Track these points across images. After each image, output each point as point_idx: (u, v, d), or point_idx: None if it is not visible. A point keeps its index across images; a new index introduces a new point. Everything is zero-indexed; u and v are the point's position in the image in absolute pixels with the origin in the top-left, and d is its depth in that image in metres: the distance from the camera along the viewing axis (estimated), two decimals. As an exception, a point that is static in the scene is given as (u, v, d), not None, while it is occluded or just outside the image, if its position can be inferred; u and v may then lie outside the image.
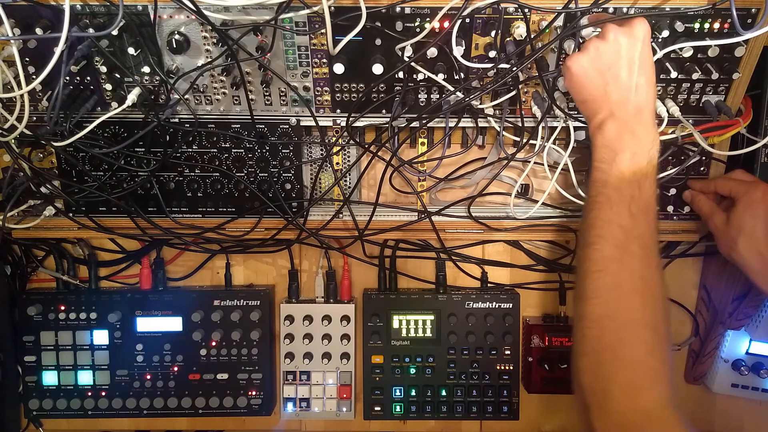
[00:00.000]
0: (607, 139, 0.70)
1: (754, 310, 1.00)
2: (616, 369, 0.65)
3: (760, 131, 0.89)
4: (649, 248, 0.69)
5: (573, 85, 0.73)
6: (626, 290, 0.68)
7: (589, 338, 0.68)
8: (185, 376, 1.04)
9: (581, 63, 0.71)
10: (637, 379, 0.64)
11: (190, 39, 0.81)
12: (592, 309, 0.68)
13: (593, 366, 0.67)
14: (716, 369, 1.07)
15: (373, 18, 0.77)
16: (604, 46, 0.69)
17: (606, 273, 0.69)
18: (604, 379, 0.65)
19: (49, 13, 0.77)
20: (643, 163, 0.69)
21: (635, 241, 0.69)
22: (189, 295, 1.05)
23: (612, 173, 0.70)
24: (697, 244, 1.02)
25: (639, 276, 0.68)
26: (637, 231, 0.69)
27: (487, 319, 1.04)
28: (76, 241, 1.07)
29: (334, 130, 0.95)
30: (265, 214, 0.96)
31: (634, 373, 0.65)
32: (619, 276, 0.68)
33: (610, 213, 0.70)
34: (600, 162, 0.71)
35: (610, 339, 0.66)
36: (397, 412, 1.06)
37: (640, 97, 0.70)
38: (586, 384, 0.67)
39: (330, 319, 1.05)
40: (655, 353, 0.65)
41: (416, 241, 1.07)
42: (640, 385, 0.64)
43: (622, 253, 0.69)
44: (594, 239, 0.70)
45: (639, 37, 0.69)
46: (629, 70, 0.69)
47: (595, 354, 0.67)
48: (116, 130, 0.91)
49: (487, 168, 0.99)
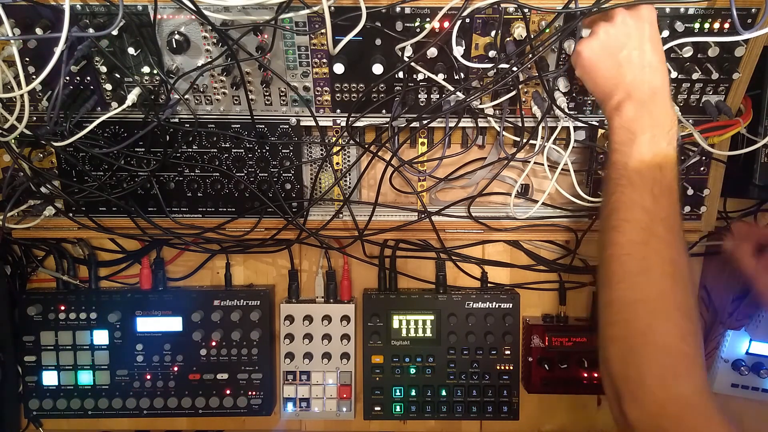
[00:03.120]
0: (626, 120, 0.69)
1: (754, 310, 1.00)
2: (649, 355, 0.62)
3: (760, 131, 0.89)
4: (675, 231, 0.67)
5: (585, 71, 0.72)
6: (656, 274, 0.65)
7: (618, 323, 0.65)
8: (185, 376, 1.05)
9: (592, 47, 0.70)
10: (672, 366, 0.61)
11: (190, 39, 0.81)
12: (621, 294, 0.66)
13: (623, 353, 0.64)
14: (716, 369, 1.07)
15: (373, 18, 0.77)
16: (613, 29, 0.69)
17: (633, 257, 0.66)
18: (636, 367, 0.62)
19: (49, 13, 0.77)
20: (663, 144, 0.68)
21: (661, 223, 0.66)
22: (189, 295, 1.05)
23: (632, 155, 0.68)
24: (697, 244, 1.02)
25: (668, 259, 0.66)
26: (662, 213, 0.67)
27: (487, 319, 1.04)
28: (76, 241, 1.07)
29: (334, 130, 0.95)
30: (265, 214, 0.96)
31: (668, 359, 0.62)
32: (648, 260, 0.66)
33: (632, 195, 0.67)
34: (619, 144, 0.69)
35: (641, 324, 0.64)
36: (397, 412, 1.06)
37: (655, 77, 0.69)
38: (617, 372, 0.64)
39: (330, 319, 1.05)
40: (688, 339, 0.62)
41: (416, 241, 1.07)
42: (674, 373, 0.61)
43: (648, 236, 0.66)
44: (618, 222, 0.68)
45: (646, 18, 0.69)
46: (641, 50, 0.68)
47: (625, 340, 0.64)
48: (116, 130, 0.91)
49: (487, 168, 0.99)
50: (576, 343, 1.05)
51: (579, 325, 1.08)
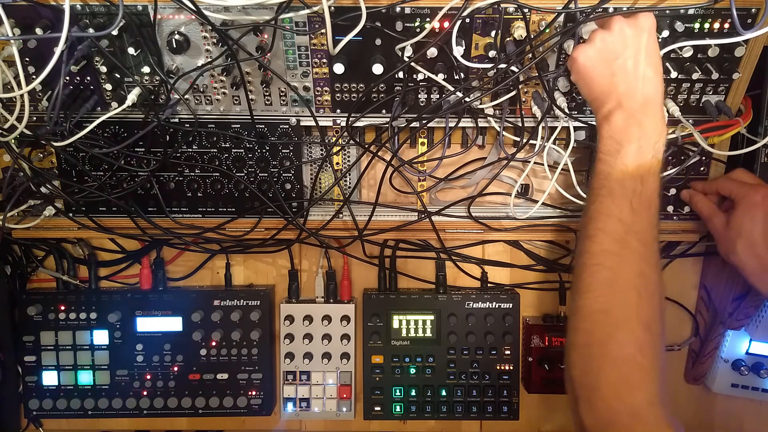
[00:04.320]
0: (614, 129, 0.69)
1: (754, 310, 1.00)
2: (605, 365, 0.64)
3: (760, 131, 0.89)
4: (648, 244, 0.68)
5: (580, 77, 0.72)
6: (623, 286, 0.67)
7: (580, 332, 0.68)
8: (185, 376, 1.04)
9: (587, 54, 0.70)
10: (625, 376, 0.63)
11: (190, 39, 0.81)
12: (587, 303, 0.68)
13: (583, 360, 0.67)
14: (716, 369, 1.07)
15: (373, 18, 0.77)
16: (610, 36, 0.69)
17: (603, 267, 0.68)
18: (593, 374, 0.65)
19: (49, 13, 0.77)
20: (648, 156, 0.69)
21: (635, 236, 0.68)
22: (189, 295, 1.05)
23: (616, 166, 0.69)
24: (697, 244, 1.02)
25: (637, 272, 0.67)
26: (638, 226, 0.68)
27: (487, 319, 1.04)
28: (76, 241, 1.07)
29: (334, 130, 0.95)
30: (265, 214, 0.96)
31: (622, 370, 0.64)
32: (616, 271, 0.67)
33: (611, 206, 0.69)
34: (605, 154, 0.70)
35: (601, 334, 0.66)
36: (397, 412, 1.06)
37: (647, 88, 0.69)
38: (576, 377, 0.66)
39: (330, 319, 1.05)
40: (645, 351, 0.64)
41: (416, 241, 1.07)
42: (628, 383, 0.63)
43: (621, 248, 0.68)
44: (594, 232, 0.69)
45: (644, 27, 0.69)
46: (636, 60, 0.69)
47: (586, 348, 0.67)
48: (116, 130, 0.91)
49: (487, 168, 0.99)
50: (576, 343, 1.05)
51: (579, 325, 1.08)
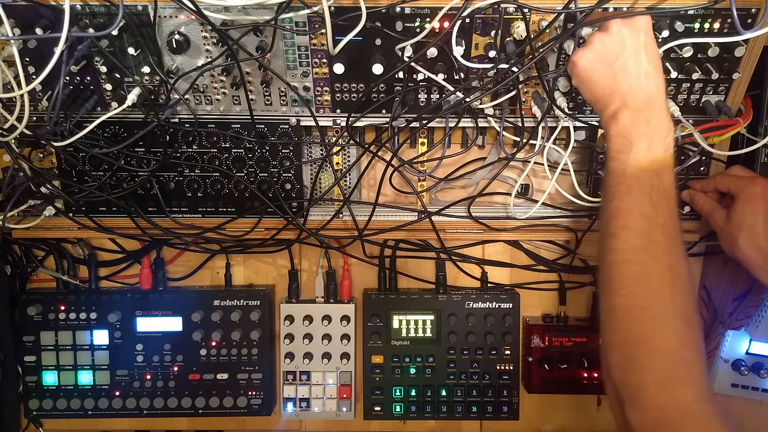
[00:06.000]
0: (622, 128, 0.69)
1: (754, 310, 0.99)
2: (649, 362, 0.63)
3: (760, 131, 0.89)
4: (673, 237, 0.67)
5: (581, 80, 0.72)
6: (655, 280, 0.66)
7: (619, 330, 0.66)
8: (185, 376, 1.04)
9: (587, 57, 0.70)
10: (672, 371, 0.62)
11: (190, 39, 0.81)
12: (621, 300, 0.66)
13: (624, 359, 0.65)
14: (716, 369, 1.06)
15: (373, 18, 0.77)
16: (608, 38, 0.69)
17: (633, 263, 0.67)
18: (637, 373, 0.63)
19: (49, 13, 0.77)
20: (659, 151, 0.68)
21: (659, 229, 0.67)
22: (189, 295, 1.05)
23: (630, 163, 0.69)
24: (697, 244, 1.02)
25: (667, 265, 0.66)
26: (661, 219, 0.67)
27: (487, 319, 1.04)
28: (76, 241, 1.07)
29: (334, 130, 0.95)
30: (265, 214, 0.96)
31: (667, 366, 0.62)
32: (647, 265, 0.66)
33: (631, 202, 0.68)
34: (616, 152, 0.70)
35: (642, 330, 0.64)
36: (397, 412, 1.06)
37: (650, 86, 0.69)
38: (617, 378, 0.64)
39: (330, 319, 1.05)
40: (688, 345, 0.63)
41: (416, 241, 1.07)
42: (675, 379, 0.61)
43: (647, 243, 0.67)
44: (617, 229, 0.69)
45: (641, 27, 0.69)
46: (636, 59, 0.69)
47: (626, 347, 0.65)
48: (116, 130, 0.90)
49: (487, 168, 0.99)
50: (576, 343, 1.05)
51: (579, 325, 1.08)
